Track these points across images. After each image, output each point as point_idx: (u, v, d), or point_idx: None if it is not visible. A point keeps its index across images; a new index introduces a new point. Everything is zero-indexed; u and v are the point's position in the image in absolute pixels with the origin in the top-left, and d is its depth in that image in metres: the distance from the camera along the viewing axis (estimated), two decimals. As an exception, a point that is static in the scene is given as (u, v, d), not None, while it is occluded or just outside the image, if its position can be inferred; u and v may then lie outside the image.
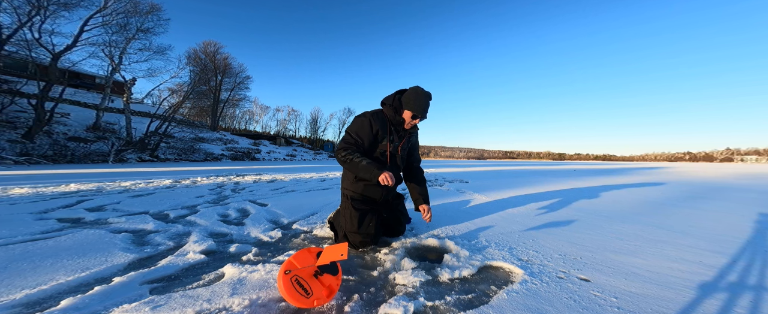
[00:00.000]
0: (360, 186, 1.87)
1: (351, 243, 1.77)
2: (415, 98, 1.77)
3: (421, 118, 1.82)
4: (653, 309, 1.13)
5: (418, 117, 1.80)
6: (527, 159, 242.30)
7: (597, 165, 25.87)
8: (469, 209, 3.09)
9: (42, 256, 1.52)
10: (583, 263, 1.59)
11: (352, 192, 1.88)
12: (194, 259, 1.55)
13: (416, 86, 1.82)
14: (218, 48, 32.04)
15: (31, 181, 4.82)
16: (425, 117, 1.83)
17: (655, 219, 2.74)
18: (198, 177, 6.12)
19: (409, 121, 1.82)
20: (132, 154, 13.87)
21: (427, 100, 1.79)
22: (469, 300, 1.19)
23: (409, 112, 1.79)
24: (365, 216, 1.75)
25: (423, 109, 1.78)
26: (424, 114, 1.80)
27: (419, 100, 1.77)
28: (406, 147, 1.99)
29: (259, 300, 1.15)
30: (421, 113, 1.78)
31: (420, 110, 1.77)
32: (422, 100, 1.77)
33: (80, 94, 21.58)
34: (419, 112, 1.77)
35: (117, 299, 1.13)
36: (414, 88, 1.81)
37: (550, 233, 2.18)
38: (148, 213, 2.62)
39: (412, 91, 1.80)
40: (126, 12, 14.85)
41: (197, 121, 30.82)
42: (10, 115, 12.15)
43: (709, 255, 1.77)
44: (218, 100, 31.97)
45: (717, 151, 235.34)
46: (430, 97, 1.82)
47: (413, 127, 1.91)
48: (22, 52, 11.34)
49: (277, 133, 52.92)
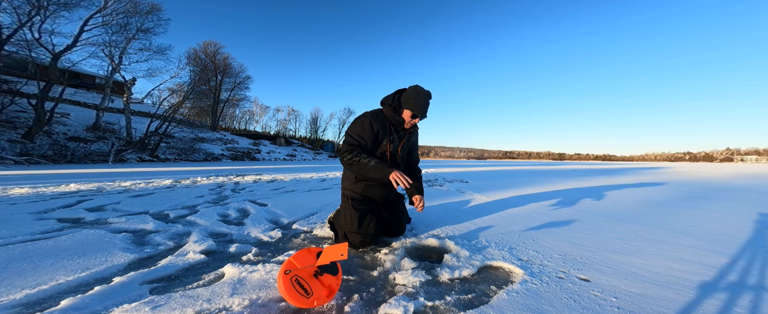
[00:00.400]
0: (360, 187, 1.87)
1: (351, 243, 1.77)
2: (415, 97, 1.76)
3: (421, 117, 1.81)
4: (653, 309, 1.13)
5: (417, 116, 1.79)
6: (527, 159, 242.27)
7: (597, 166, 25.88)
8: (469, 209, 3.09)
9: (42, 256, 1.52)
10: (583, 263, 1.59)
11: (352, 192, 1.87)
12: (194, 259, 1.55)
13: (416, 85, 1.81)
14: (218, 48, 32.08)
15: (31, 181, 4.82)
16: (425, 116, 1.82)
17: (655, 219, 2.74)
18: (198, 177, 6.12)
19: (409, 120, 1.81)
20: (132, 154, 13.87)
21: (426, 99, 1.78)
22: (469, 300, 1.19)
23: (408, 112, 1.78)
24: (365, 216, 1.75)
25: (422, 107, 1.76)
26: (423, 113, 1.78)
27: (419, 99, 1.76)
28: (406, 147, 1.98)
29: (259, 300, 1.15)
30: (420, 112, 1.77)
31: (419, 109, 1.76)
32: (422, 99, 1.76)
33: (80, 94, 21.59)
34: (419, 111, 1.76)
35: (117, 299, 1.13)
36: (413, 87, 1.80)
37: (550, 233, 2.18)
38: (148, 213, 2.62)
39: (411, 90, 1.79)
40: (126, 12, 14.87)
41: (197, 121, 30.83)
42: (10, 115, 12.15)
43: (709, 255, 1.77)
44: (218, 100, 31.97)
45: (717, 151, 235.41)
46: (429, 96, 1.81)
47: (413, 126, 1.90)
48: (22, 52, 11.35)
49: (277, 133, 52.93)
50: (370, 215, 1.77)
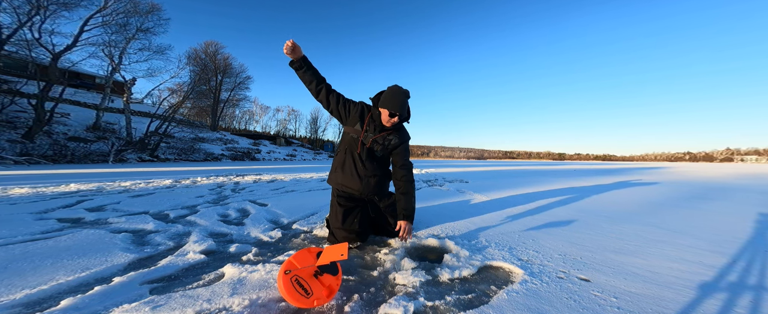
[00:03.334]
0: (338, 176, 1.90)
1: (337, 239, 1.80)
2: (390, 96, 1.77)
3: (399, 114, 1.78)
4: (653, 309, 1.13)
5: (394, 114, 1.77)
6: (527, 159, 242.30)
7: (597, 165, 25.87)
8: (469, 209, 3.09)
9: (42, 256, 1.52)
10: (583, 263, 1.59)
11: (334, 182, 1.94)
12: (194, 259, 1.55)
13: (394, 85, 1.84)
14: (218, 48, 32.06)
15: (31, 181, 4.82)
16: (404, 114, 1.81)
17: (655, 219, 2.74)
18: (198, 177, 6.12)
19: (387, 118, 1.80)
20: (132, 153, 13.87)
21: (402, 97, 1.77)
22: (469, 300, 1.19)
23: (385, 111, 1.78)
24: (350, 213, 1.81)
25: (396, 105, 1.75)
26: (397, 110, 1.75)
27: (393, 97, 1.77)
28: (383, 145, 1.90)
29: (259, 300, 1.15)
30: (394, 109, 1.75)
31: (393, 107, 1.75)
32: (397, 97, 1.76)
33: (80, 94, 21.58)
34: (393, 108, 1.75)
35: (117, 299, 1.13)
36: (390, 87, 1.82)
37: (550, 233, 2.18)
38: (148, 213, 2.62)
39: (388, 90, 1.81)
40: (126, 12, 14.87)
41: (197, 121, 30.84)
42: (10, 115, 12.15)
43: (709, 255, 1.77)
44: (218, 100, 31.96)
45: (717, 151, 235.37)
46: (406, 94, 1.80)
47: (396, 126, 1.88)
48: (22, 52, 11.35)
49: (277, 133, 52.96)
50: (355, 212, 1.82)
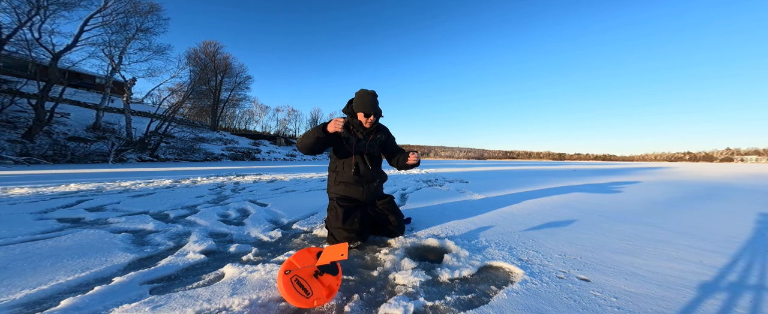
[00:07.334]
0: (341, 188, 2.01)
1: (337, 239, 1.81)
2: (360, 100, 1.96)
3: (373, 114, 1.96)
4: (653, 309, 1.13)
5: (369, 114, 1.95)
6: (527, 159, 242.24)
7: (597, 165, 25.87)
8: (469, 209, 3.09)
9: (42, 256, 1.52)
10: (583, 263, 1.59)
11: (335, 193, 2.02)
12: (194, 259, 1.55)
13: (360, 89, 2.00)
14: (218, 48, 32.04)
15: (31, 181, 4.82)
16: (377, 112, 1.98)
17: (655, 219, 2.74)
18: (198, 177, 6.12)
19: (365, 120, 1.97)
20: (132, 153, 13.87)
21: (371, 97, 1.95)
22: (469, 300, 1.19)
23: (360, 114, 1.96)
24: (351, 212, 1.85)
25: (368, 106, 1.93)
26: (369, 109, 1.94)
27: (363, 99, 1.95)
28: (375, 144, 2.10)
29: (259, 300, 1.15)
30: (368, 110, 1.94)
31: (366, 108, 1.93)
32: (366, 98, 1.94)
33: (80, 94, 21.58)
34: (365, 109, 1.94)
35: (117, 299, 1.13)
36: (358, 92, 2.00)
37: (550, 233, 2.18)
38: (148, 213, 2.62)
39: (356, 96, 1.99)
40: (126, 12, 14.85)
41: (197, 121, 30.81)
42: (10, 115, 12.15)
43: (709, 255, 1.77)
44: (218, 100, 31.95)
45: (717, 151, 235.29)
46: (374, 94, 1.98)
47: (375, 125, 2.06)
48: (22, 52, 11.34)
49: (277, 133, 52.91)
50: (355, 211, 1.86)
